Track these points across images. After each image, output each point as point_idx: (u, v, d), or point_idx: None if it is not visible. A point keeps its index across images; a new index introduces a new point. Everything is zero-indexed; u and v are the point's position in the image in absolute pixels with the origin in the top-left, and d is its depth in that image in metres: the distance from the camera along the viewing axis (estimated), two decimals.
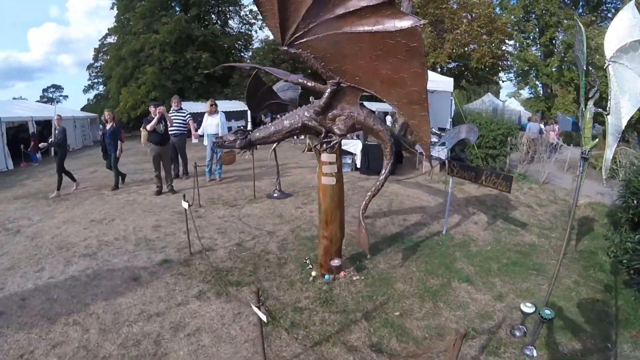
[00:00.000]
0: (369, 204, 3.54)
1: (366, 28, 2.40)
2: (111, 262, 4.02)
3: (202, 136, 7.55)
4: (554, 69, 17.56)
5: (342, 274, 3.71)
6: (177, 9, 22.84)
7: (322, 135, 3.21)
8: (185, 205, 3.94)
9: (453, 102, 10.00)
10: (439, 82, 8.80)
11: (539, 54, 18.97)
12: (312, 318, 3.05)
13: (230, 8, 25.18)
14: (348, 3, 2.37)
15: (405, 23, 2.27)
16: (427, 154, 3.40)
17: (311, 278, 3.67)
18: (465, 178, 4.67)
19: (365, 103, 3.78)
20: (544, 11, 17.66)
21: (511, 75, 20.58)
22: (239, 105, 17.65)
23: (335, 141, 3.21)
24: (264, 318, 2.19)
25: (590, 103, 2.23)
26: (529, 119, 13.10)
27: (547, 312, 2.47)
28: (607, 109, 2.08)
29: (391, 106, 3.02)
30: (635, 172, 4.30)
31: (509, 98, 24.55)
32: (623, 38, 2.03)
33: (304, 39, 2.65)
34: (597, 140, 2.38)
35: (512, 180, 4.08)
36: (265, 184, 7.10)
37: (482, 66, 13.81)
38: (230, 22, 25.84)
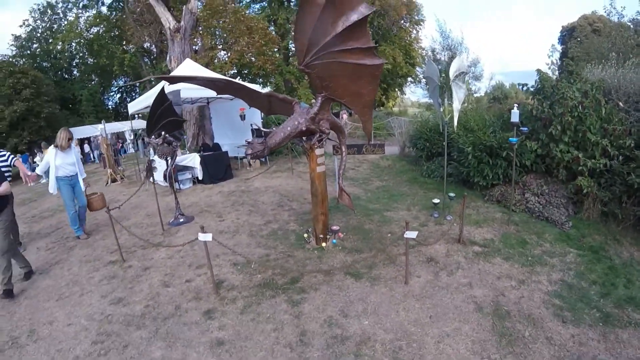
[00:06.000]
0: (342, 176, 5.03)
1: (354, 60, 3.63)
2: None
3: (39, 176, 5.95)
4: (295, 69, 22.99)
5: (340, 235, 5.25)
6: None
7: (317, 135, 4.39)
8: (207, 237, 3.76)
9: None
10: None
11: (280, 55, 23.70)
12: (369, 261, 4.60)
13: None
14: (347, 42, 3.62)
15: (377, 61, 3.86)
16: (369, 137, 5.31)
17: (325, 249, 4.99)
18: (350, 153, 7.02)
19: None
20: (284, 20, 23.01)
21: None
22: None
23: (324, 139, 4.51)
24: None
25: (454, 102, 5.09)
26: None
27: (452, 194, 5.34)
28: (452, 102, 5.09)
29: (352, 110, 4.58)
30: (420, 129, 8.24)
31: None
32: (456, 70, 4.94)
33: (315, 62, 3.68)
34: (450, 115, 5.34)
35: (384, 146, 6.80)
36: (135, 221, 6.35)
37: (262, 72, 16.42)
38: None
